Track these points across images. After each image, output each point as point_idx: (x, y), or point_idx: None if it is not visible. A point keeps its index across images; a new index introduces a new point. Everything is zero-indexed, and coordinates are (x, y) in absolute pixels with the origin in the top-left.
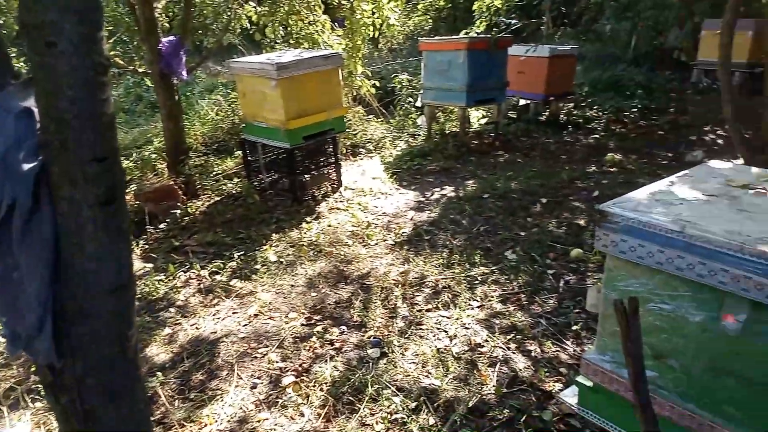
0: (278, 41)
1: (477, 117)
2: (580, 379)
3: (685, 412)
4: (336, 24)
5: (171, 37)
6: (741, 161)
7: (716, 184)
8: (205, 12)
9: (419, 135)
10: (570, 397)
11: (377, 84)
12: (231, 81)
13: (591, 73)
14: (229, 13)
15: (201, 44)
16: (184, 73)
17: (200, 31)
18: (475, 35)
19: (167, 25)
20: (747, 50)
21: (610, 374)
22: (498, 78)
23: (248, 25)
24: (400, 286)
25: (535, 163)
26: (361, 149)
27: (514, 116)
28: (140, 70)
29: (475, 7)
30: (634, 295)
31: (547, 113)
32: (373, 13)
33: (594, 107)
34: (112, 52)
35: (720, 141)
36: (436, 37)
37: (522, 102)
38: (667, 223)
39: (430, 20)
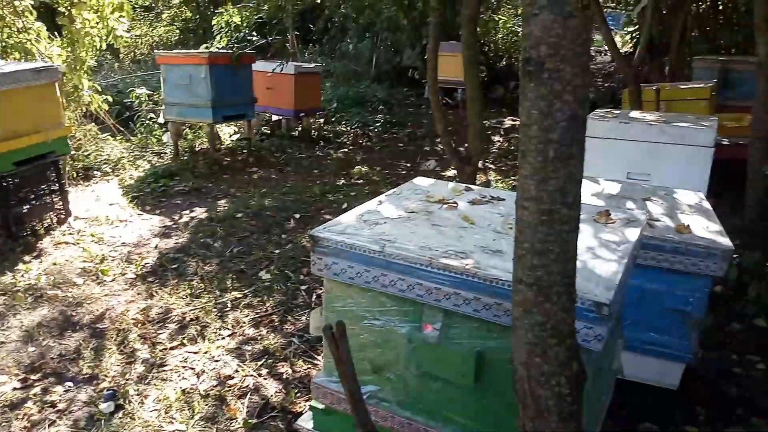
0: None
1: (229, 133)
2: (312, 403)
3: (404, 420)
4: (57, 33)
5: None
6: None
7: (417, 200)
8: None
9: (166, 153)
10: (307, 421)
11: (110, 99)
12: None
13: (339, 90)
14: None
15: None
16: None
17: None
18: (216, 50)
19: None
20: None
21: (338, 395)
22: (245, 93)
23: None
24: (140, 325)
25: (289, 178)
26: (95, 172)
27: (268, 132)
28: None
29: (214, 22)
30: (351, 314)
31: (299, 128)
32: (98, 23)
33: (343, 122)
34: None
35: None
36: (175, 51)
37: (275, 118)
38: (369, 243)
39: (177, 31)
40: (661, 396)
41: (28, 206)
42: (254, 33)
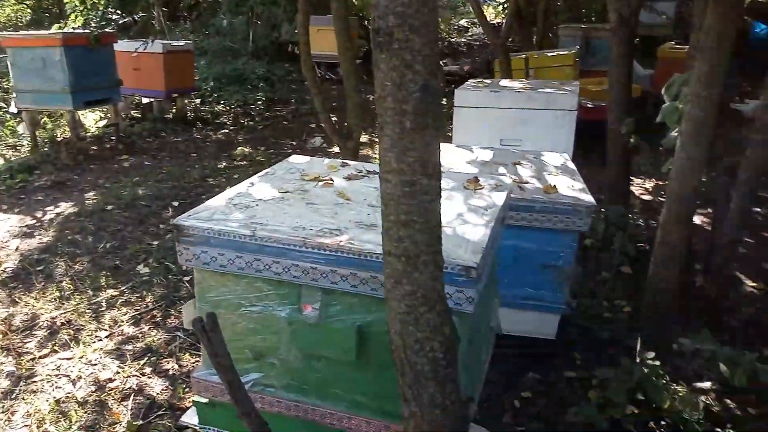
0: None
1: (95, 119)
2: (195, 398)
3: (291, 403)
4: None
5: None
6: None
7: (293, 179)
8: None
9: (22, 146)
10: (192, 417)
11: None
12: None
13: (215, 68)
14: None
15: None
16: None
17: None
18: (72, 30)
19: None
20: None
21: (219, 387)
22: (107, 76)
23: None
24: (2, 336)
25: (164, 164)
26: None
27: (139, 116)
28: None
29: (66, 0)
30: (226, 303)
31: (173, 111)
32: None
33: (221, 102)
34: None
35: (336, 127)
36: (23, 32)
37: (145, 100)
38: (239, 228)
39: (29, 11)
40: (541, 346)
41: None
42: (116, 10)
